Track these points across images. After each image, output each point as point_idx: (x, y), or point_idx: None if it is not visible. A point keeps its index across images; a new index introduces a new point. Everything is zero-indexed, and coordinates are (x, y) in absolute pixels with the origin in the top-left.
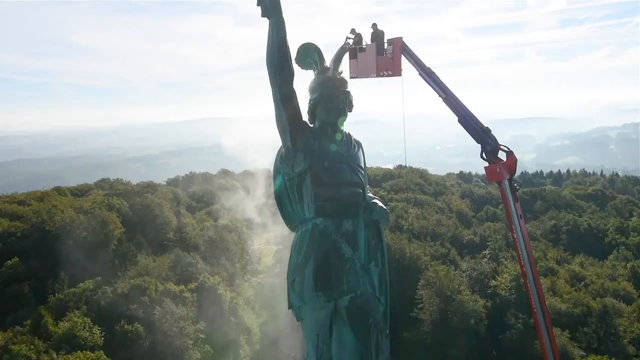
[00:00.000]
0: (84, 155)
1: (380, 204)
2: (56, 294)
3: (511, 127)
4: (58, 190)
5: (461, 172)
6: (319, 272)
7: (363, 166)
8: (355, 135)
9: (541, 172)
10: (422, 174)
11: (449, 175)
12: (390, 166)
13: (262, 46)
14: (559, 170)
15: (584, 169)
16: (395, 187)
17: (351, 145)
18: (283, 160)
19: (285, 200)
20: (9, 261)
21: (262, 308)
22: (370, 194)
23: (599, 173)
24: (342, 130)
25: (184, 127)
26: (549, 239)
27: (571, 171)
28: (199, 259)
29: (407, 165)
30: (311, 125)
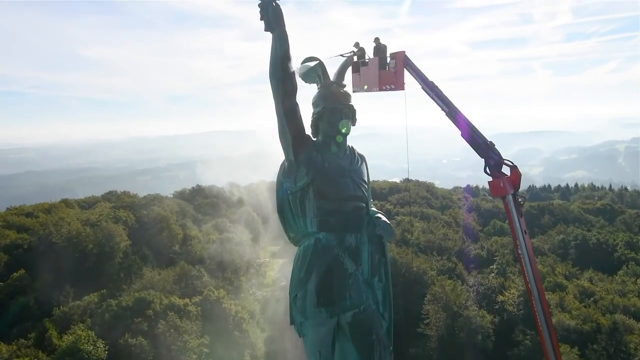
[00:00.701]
0: (92, 167)
1: (384, 218)
2: (61, 307)
3: (518, 141)
4: (65, 202)
5: (468, 185)
6: (322, 287)
7: (366, 180)
8: (360, 149)
9: (549, 186)
10: (429, 188)
11: (456, 188)
12: (397, 179)
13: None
14: (567, 185)
15: (592, 183)
16: (402, 200)
17: (354, 159)
18: (286, 174)
19: (288, 214)
20: (15, 273)
21: (267, 322)
22: (374, 209)
23: (607, 187)
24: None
25: (192, 140)
26: (557, 254)
27: (579, 185)
28: (204, 272)
29: (410, 178)
30: (314, 139)
